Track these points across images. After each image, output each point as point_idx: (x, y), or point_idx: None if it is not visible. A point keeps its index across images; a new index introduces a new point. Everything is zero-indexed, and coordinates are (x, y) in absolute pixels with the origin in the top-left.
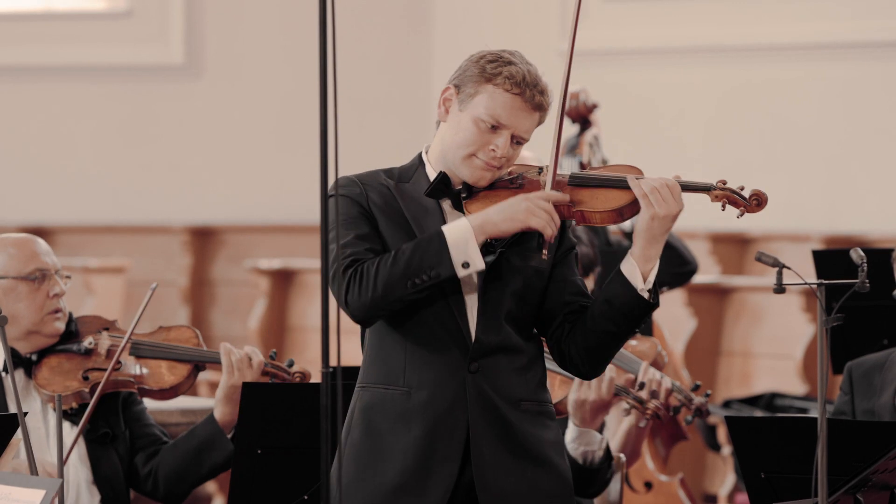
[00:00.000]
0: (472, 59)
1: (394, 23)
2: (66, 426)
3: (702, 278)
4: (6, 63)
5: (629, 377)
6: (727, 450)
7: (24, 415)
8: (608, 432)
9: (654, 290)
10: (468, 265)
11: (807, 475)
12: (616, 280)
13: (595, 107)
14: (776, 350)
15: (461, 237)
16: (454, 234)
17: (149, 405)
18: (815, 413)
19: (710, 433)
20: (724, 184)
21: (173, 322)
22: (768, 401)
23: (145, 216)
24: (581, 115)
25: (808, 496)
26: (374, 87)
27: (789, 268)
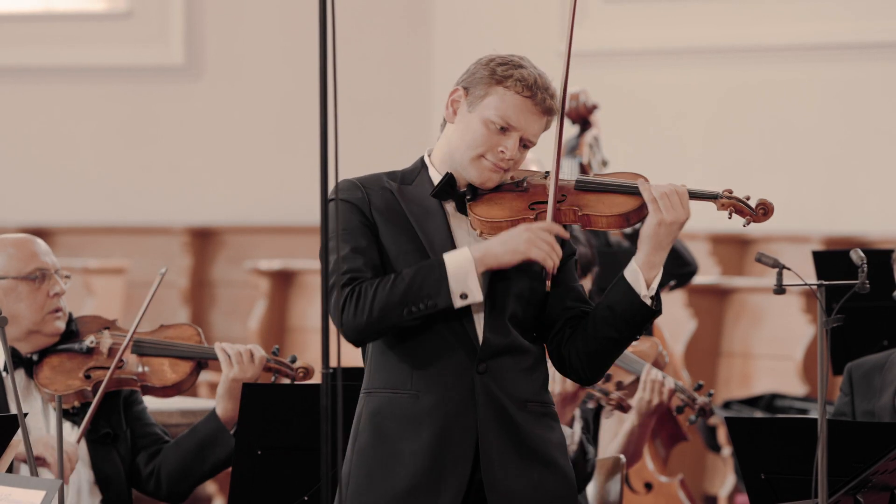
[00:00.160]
0: (482, 63)
1: (394, 23)
2: (66, 426)
3: (702, 279)
4: (6, 64)
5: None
6: (727, 451)
7: (25, 415)
8: (608, 434)
9: (657, 297)
10: (466, 296)
11: (807, 476)
12: (619, 286)
13: (595, 108)
14: (776, 351)
15: (461, 269)
16: (455, 265)
17: (149, 405)
18: (815, 414)
19: (710, 434)
20: (731, 193)
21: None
22: (768, 402)
23: (145, 217)
24: (581, 116)
25: (808, 497)
26: (374, 87)
27: (789, 269)
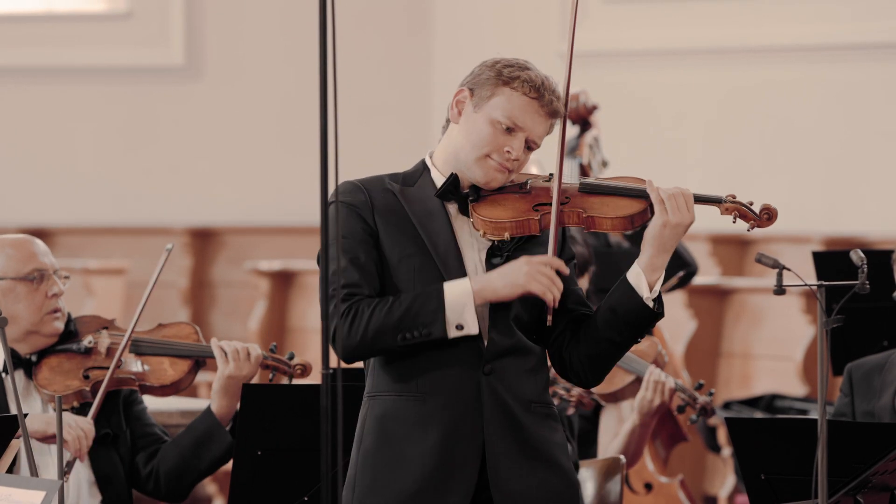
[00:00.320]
0: (487, 65)
1: (394, 24)
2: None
3: (702, 280)
4: (7, 64)
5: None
6: (727, 451)
7: (25, 416)
8: (608, 434)
9: (659, 300)
10: (462, 328)
11: (807, 477)
12: (621, 288)
13: (595, 108)
14: (776, 351)
15: (459, 300)
16: (453, 295)
17: (149, 405)
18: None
19: (710, 434)
20: (734, 197)
21: None
22: (768, 402)
23: (145, 218)
24: (581, 117)
25: (808, 498)
26: (375, 88)
27: (789, 269)
